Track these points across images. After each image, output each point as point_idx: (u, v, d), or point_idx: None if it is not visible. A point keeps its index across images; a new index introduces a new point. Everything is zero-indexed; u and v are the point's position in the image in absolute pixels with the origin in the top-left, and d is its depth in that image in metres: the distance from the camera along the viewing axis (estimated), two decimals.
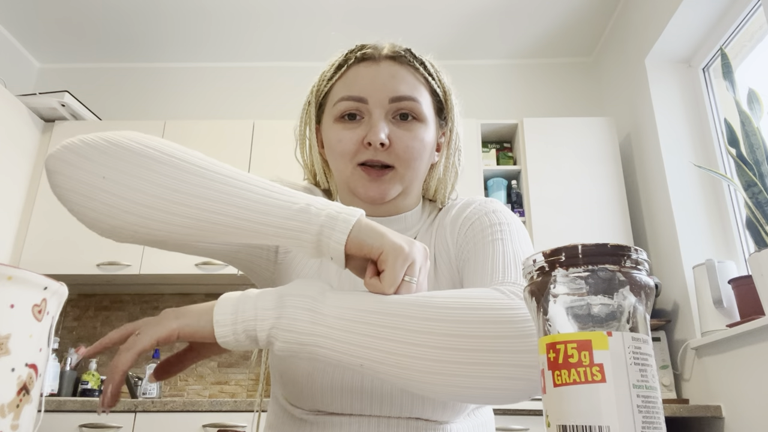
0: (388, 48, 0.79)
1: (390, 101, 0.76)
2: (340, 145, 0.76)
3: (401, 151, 0.75)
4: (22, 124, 2.75)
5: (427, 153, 0.79)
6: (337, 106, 0.77)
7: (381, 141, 0.73)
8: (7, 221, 2.64)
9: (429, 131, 0.78)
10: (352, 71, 0.78)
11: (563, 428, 0.35)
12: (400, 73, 0.78)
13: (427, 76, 0.80)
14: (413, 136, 0.76)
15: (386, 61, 0.78)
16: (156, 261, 2.62)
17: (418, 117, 0.77)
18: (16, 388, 0.35)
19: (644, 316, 0.38)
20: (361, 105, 0.76)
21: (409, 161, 0.76)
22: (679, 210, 2.36)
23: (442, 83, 0.83)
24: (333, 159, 0.79)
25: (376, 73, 0.77)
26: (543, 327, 0.39)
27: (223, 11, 2.97)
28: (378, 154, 0.75)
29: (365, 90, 0.76)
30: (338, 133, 0.76)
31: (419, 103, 0.77)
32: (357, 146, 0.75)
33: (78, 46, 3.24)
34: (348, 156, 0.76)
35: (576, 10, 2.94)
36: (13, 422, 0.34)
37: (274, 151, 2.74)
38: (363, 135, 0.75)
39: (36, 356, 0.37)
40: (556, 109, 3.19)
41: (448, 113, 0.84)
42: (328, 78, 0.81)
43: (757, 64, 2.27)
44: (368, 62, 0.78)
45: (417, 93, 0.78)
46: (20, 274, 0.35)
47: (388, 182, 0.76)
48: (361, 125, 0.76)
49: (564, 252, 0.38)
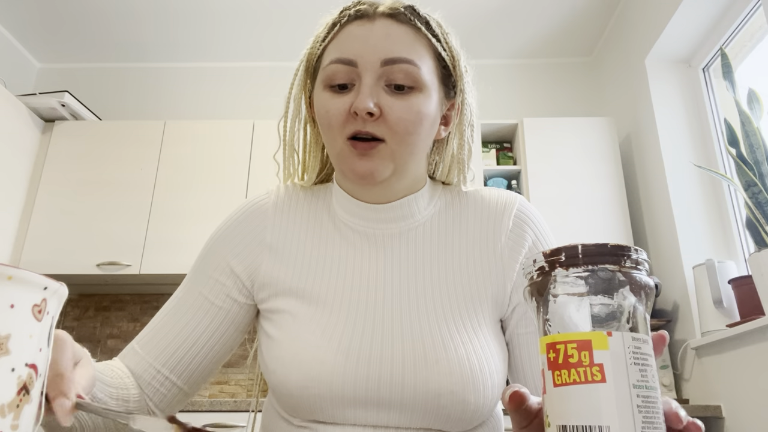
0: (386, 4, 0.70)
1: (382, 64, 0.66)
2: (327, 116, 0.67)
3: (393, 123, 0.65)
4: (22, 124, 2.75)
5: (426, 127, 0.68)
6: (326, 70, 0.68)
7: (368, 109, 0.64)
8: (7, 221, 2.64)
9: (429, 101, 0.68)
10: (345, 31, 0.69)
11: (563, 428, 0.35)
12: (397, 33, 0.68)
13: (431, 37, 0.70)
14: (408, 107, 0.66)
15: (382, 19, 0.68)
16: (156, 261, 2.62)
17: (416, 84, 0.67)
18: (16, 388, 0.35)
19: (644, 316, 0.38)
20: (351, 69, 0.66)
21: (402, 135, 0.66)
22: (679, 210, 2.36)
23: (450, 46, 0.72)
24: (323, 132, 0.70)
25: (370, 32, 0.67)
26: (543, 327, 0.39)
27: (224, 11, 2.97)
28: (366, 124, 0.65)
29: (355, 51, 0.66)
30: (326, 102, 0.68)
31: (417, 68, 0.67)
32: (345, 116, 0.66)
33: (78, 46, 3.24)
34: (336, 128, 0.67)
35: (576, 10, 2.94)
36: (13, 422, 0.34)
37: (274, 151, 2.73)
38: (351, 103, 0.66)
39: (36, 356, 0.37)
40: (556, 109, 3.19)
41: (457, 81, 0.73)
42: (321, 39, 0.72)
43: (757, 64, 2.27)
44: (362, 20, 0.69)
45: (415, 55, 0.67)
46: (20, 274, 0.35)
47: (377, 157, 0.66)
48: (351, 92, 0.67)
49: (564, 252, 0.38)
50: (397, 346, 0.67)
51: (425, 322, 0.68)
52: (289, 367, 0.66)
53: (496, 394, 0.67)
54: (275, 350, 0.69)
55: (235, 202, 2.71)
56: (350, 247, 0.74)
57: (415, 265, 0.73)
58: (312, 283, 0.72)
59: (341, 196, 0.77)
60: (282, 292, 0.73)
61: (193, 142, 2.83)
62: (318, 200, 0.79)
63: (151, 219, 2.69)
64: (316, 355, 0.66)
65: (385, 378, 0.65)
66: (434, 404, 0.64)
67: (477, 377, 0.65)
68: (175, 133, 2.85)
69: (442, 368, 0.65)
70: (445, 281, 0.72)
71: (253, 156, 2.78)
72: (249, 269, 0.75)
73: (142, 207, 2.71)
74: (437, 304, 0.70)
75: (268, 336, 0.72)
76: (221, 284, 0.74)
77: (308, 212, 0.78)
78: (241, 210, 0.79)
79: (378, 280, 0.72)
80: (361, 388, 0.65)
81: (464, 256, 0.74)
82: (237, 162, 2.77)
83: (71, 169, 2.79)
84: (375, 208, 0.74)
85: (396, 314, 0.69)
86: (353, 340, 0.67)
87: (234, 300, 0.74)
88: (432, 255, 0.74)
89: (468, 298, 0.71)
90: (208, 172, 2.76)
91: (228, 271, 0.74)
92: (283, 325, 0.70)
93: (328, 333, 0.68)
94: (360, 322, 0.69)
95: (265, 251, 0.75)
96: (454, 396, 0.64)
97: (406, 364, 0.65)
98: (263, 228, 0.76)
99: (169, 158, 2.80)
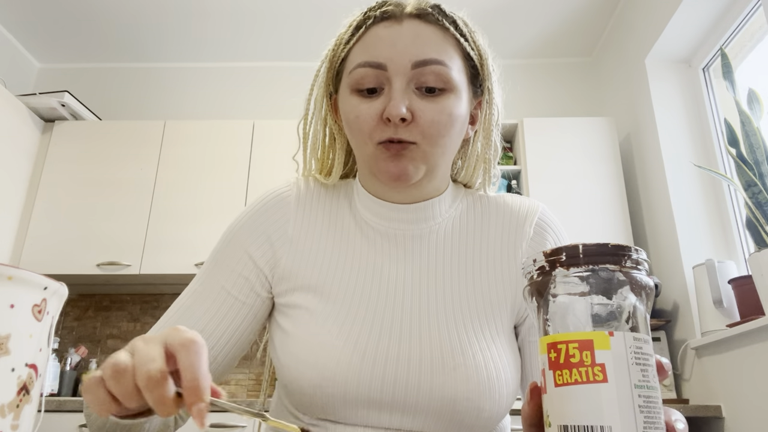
0: (412, 4, 0.68)
1: (413, 66, 0.65)
2: (357, 121, 0.66)
3: (426, 126, 0.64)
4: (22, 124, 2.74)
5: (457, 128, 0.68)
6: (353, 74, 0.67)
7: (401, 116, 0.63)
8: (7, 221, 2.64)
9: (460, 102, 0.67)
10: (371, 33, 0.68)
11: (564, 428, 0.35)
12: (425, 33, 0.66)
13: (459, 36, 0.69)
14: (440, 109, 0.65)
15: (410, 20, 0.67)
16: (156, 261, 2.62)
17: (447, 85, 0.66)
18: (16, 388, 0.35)
19: (645, 316, 0.38)
20: (380, 72, 0.65)
21: (435, 138, 0.65)
22: (679, 210, 2.36)
23: (477, 45, 0.71)
24: (351, 136, 0.70)
25: (398, 34, 0.66)
26: (543, 327, 0.39)
27: (223, 11, 2.97)
28: (399, 130, 0.65)
29: (384, 54, 0.65)
30: (355, 107, 0.67)
31: (448, 68, 0.66)
32: (376, 122, 0.65)
33: (78, 46, 3.23)
34: (366, 134, 0.66)
35: (576, 10, 2.94)
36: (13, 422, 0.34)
37: (274, 151, 2.74)
38: (382, 109, 0.65)
39: (36, 356, 0.37)
40: (556, 109, 3.19)
41: (484, 81, 0.73)
42: (345, 41, 0.70)
43: (757, 64, 2.27)
44: (389, 21, 0.67)
45: (446, 56, 0.66)
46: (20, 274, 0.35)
47: (410, 159, 0.66)
48: (380, 97, 0.66)
49: (565, 252, 0.38)
50: (415, 348, 0.66)
51: (444, 326, 0.68)
52: (304, 364, 0.65)
53: (509, 403, 0.67)
54: (290, 346, 0.68)
55: (235, 202, 2.72)
56: (371, 246, 0.74)
57: (436, 268, 0.72)
58: (331, 280, 0.71)
59: (364, 195, 0.76)
60: (300, 288, 0.72)
61: (193, 142, 2.83)
62: (339, 197, 0.78)
63: (151, 219, 2.69)
64: (332, 354, 0.65)
65: (401, 380, 0.64)
66: (449, 409, 0.64)
67: (494, 385, 0.65)
68: (175, 133, 2.85)
69: (460, 374, 0.64)
70: (465, 285, 0.71)
71: (253, 156, 2.78)
72: (270, 261, 0.73)
73: (142, 207, 2.71)
74: (456, 308, 0.70)
75: (283, 331, 0.71)
76: (245, 278, 0.72)
77: (329, 209, 0.77)
78: (263, 200, 0.77)
79: (398, 280, 0.71)
80: (376, 389, 0.64)
81: (484, 261, 0.73)
82: (237, 162, 2.77)
83: (71, 169, 2.79)
84: (398, 208, 0.74)
85: (415, 316, 0.69)
86: (370, 340, 0.66)
87: (257, 295, 0.73)
88: (452, 258, 0.73)
89: (487, 303, 0.71)
90: (208, 172, 2.76)
91: (251, 265, 0.73)
92: (300, 320, 0.69)
93: (345, 332, 0.67)
94: (378, 322, 0.68)
95: (286, 244, 0.74)
96: (470, 403, 0.63)
97: (423, 367, 0.64)
98: (286, 221, 0.75)
99: (169, 158, 2.80)
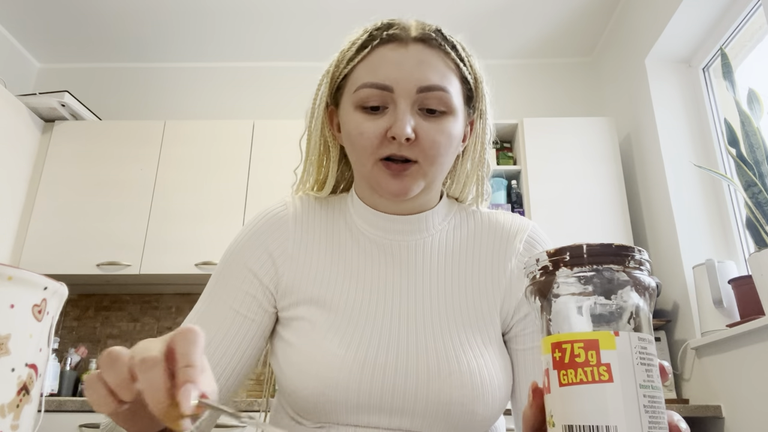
0: (416, 28, 0.72)
1: (418, 91, 0.69)
2: (361, 138, 0.70)
3: (427, 147, 0.69)
4: (22, 124, 2.74)
5: (454, 147, 0.72)
6: (359, 93, 0.70)
7: (407, 136, 0.67)
8: (7, 221, 2.64)
9: (457, 124, 0.72)
10: (377, 54, 0.71)
11: (569, 428, 0.35)
12: (430, 59, 0.70)
13: (459, 61, 0.73)
14: (440, 130, 0.69)
15: (415, 44, 0.71)
16: (156, 261, 2.62)
17: (448, 108, 0.70)
18: (16, 388, 0.35)
19: (648, 317, 0.37)
20: (386, 94, 0.69)
21: (435, 157, 0.70)
22: (679, 210, 2.36)
23: (474, 69, 0.76)
24: (352, 151, 0.73)
25: (404, 58, 0.70)
26: (546, 326, 0.39)
27: (224, 11, 2.97)
28: (402, 148, 0.69)
29: (391, 77, 0.69)
30: (360, 123, 0.70)
31: (449, 94, 0.70)
32: (380, 139, 0.69)
33: (78, 46, 3.23)
34: (369, 150, 0.69)
35: (576, 10, 2.94)
36: (13, 422, 0.34)
37: (274, 151, 2.74)
38: (386, 127, 0.69)
39: (36, 356, 0.37)
40: (556, 109, 3.19)
41: (478, 102, 0.77)
42: (348, 59, 0.73)
43: (757, 64, 2.27)
44: (395, 44, 0.71)
45: (447, 82, 0.70)
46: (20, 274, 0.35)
47: (411, 177, 0.70)
48: (384, 115, 0.69)
49: (568, 251, 0.37)
50: (412, 358, 0.69)
51: (439, 335, 0.71)
52: (307, 373, 0.68)
53: (502, 406, 0.71)
54: (293, 356, 0.70)
55: (235, 202, 2.72)
56: (367, 257, 0.77)
57: (430, 278, 0.76)
58: (332, 292, 0.74)
59: (360, 206, 0.79)
60: (302, 301, 0.75)
61: (193, 142, 2.82)
62: (334, 211, 0.82)
63: (151, 219, 2.69)
64: (334, 363, 0.68)
65: (399, 388, 0.67)
66: (444, 413, 0.67)
67: (486, 390, 0.68)
68: (175, 133, 2.85)
69: (455, 381, 0.67)
70: (457, 295, 0.74)
71: (253, 156, 2.78)
72: (274, 278, 0.76)
73: (142, 207, 2.71)
74: (450, 317, 0.73)
75: (285, 342, 0.73)
76: (252, 296, 0.74)
77: (326, 223, 0.80)
78: (259, 220, 0.79)
79: (394, 290, 0.75)
80: (376, 397, 0.67)
81: (476, 273, 0.76)
82: (237, 162, 2.77)
83: (71, 169, 2.79)
84: (393, 219, 0.77)
85: (411, 326, 0.72)
86: (369, 350, 0.69)
87: (265, 311, 0.75)
88: (445, 269, 0.76)
89: (478, 313, 0.74)
90: (208, 172, 2.76)
91: (256, 282, 0.75)
92: (302, 332, 0.72)
93: (345, 341, 0.70)
94: (377, 332, 0.71)
95: (287, 261, 0.76)
96: (464, 407, 0.67)
97: (420, 376, 0.68)
98: (285, 238, 0.77)
99: (169, 158, 2.80)
